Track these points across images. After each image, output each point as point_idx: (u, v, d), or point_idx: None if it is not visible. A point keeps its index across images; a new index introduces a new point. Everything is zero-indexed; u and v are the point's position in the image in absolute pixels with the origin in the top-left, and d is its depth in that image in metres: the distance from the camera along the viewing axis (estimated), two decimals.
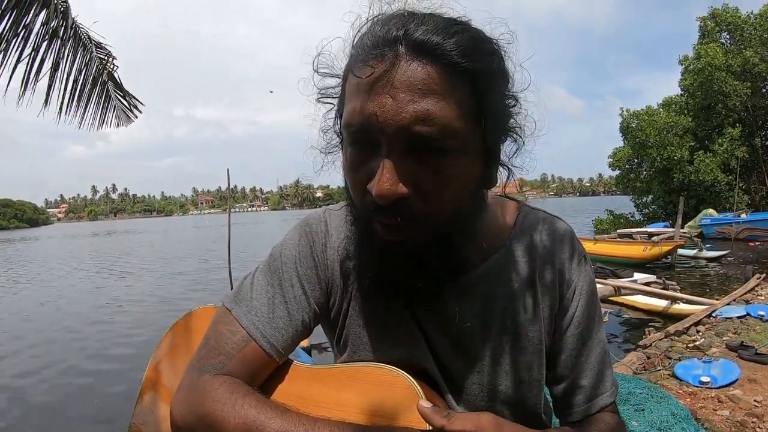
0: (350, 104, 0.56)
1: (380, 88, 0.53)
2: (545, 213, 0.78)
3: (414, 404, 0.57)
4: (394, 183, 0.54)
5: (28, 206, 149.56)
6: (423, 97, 0.52)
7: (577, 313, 0.72)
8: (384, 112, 0.52)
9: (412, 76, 0.52)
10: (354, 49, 0.59)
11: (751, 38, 18.54)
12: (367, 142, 0.56)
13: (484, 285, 0.70)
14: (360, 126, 0.55)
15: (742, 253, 12.55)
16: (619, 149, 21.70)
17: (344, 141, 0.61)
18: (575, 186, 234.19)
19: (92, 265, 19.88)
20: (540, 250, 0.73)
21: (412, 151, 0.54)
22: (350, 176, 0.60)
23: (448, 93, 0.53)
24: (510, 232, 0.74)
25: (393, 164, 0.54)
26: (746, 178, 19.45)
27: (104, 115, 4.06)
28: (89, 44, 3.77)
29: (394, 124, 0.52)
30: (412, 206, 0.56)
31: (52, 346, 7.20)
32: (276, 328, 0.69)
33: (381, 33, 0.55)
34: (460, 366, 0.71)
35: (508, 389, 0.71)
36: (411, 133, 0.53)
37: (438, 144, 0.54)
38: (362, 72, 0.54)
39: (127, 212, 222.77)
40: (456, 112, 0.53)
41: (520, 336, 0.71)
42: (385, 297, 0.69)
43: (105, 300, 10.88)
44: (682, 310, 6.18)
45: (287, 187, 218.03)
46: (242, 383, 0.65)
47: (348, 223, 0.70)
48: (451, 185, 0.57)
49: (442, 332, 0.70)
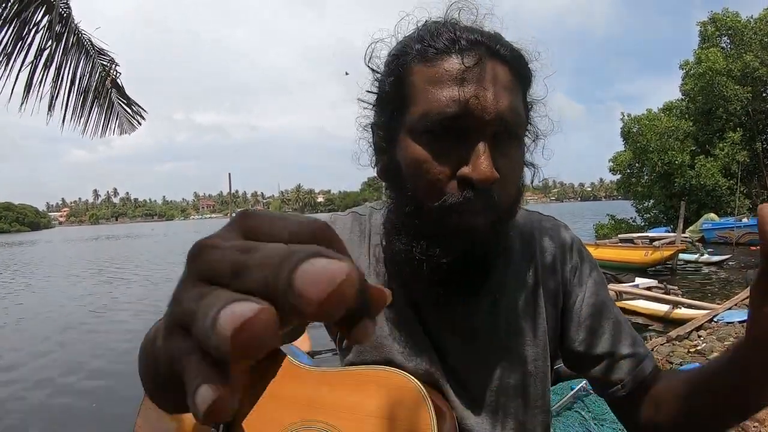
0: (434, 93, 0.58)
1: (474, 80, 0.57)
2: (550, 218, 0.80)
3: (419, 407, 0.58)
4: (491, 166, 0.57)
5: (29, 210, 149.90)
6: (510, 93, 0.59)
7: (588, 293, 0.73)
8: (485, 99, 0.57)
9: (498, 73, 0.59)
10: (419, 44, 0.61)
11: (751, 42, 18.59)
12: (454, 130, 0.58)
13: (489, 286, 0.70)
14: (456, 113, 0.57)
15: (744, 257, 12.52)
16: (620, 154, 21.72)
17: (409, 129, 0.61)
18: (576, 191, 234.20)
19: (92, 270, 19.87)
20: (539, 248, 0.75)
21: (496, 139, 0.59)
22: (426, 168, 0.59)
23: (517, 92, 0.62)
24: (516, 235, 0.75)
25: (489, 147, 0.58)
26: (747, 183, 19.45)
27: (107, 123, 4.05)
28: (92, 51, 3.79)
29: (493, 111, 0.57)
30: (494, 190, 0.58)
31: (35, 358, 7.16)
32: None
33: (457, 34, 0.60)
34: (466, 364, 0.71)
35: (515, 383, 0.71)
36: (504, 120, 0.58)
37: (516, 133, 0.61)
38: (447, 64, 0.58)
39: (129, 216, 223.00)
40: (522, 107, 0.62)
41: (526, 330, 0.72)
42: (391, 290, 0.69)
43: (95, 305, 10.87)
44: (684, 315, 6.17)
45: (288, 192, 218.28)
46: None
47: (354, 224, 0.76)
48: (517, 172, 0.63)
49: (448, 331, 0.71)
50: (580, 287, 0.74)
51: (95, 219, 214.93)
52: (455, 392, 0.71)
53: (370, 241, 0.76)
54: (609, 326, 0.72)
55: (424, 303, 0.71)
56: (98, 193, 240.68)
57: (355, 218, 0.78)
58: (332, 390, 0.68)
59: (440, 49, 0.59)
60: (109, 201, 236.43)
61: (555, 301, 0.74)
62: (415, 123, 0.60)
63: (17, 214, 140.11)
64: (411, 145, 0.61)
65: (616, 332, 0.71)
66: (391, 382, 0.63)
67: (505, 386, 0.71)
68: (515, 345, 0.71)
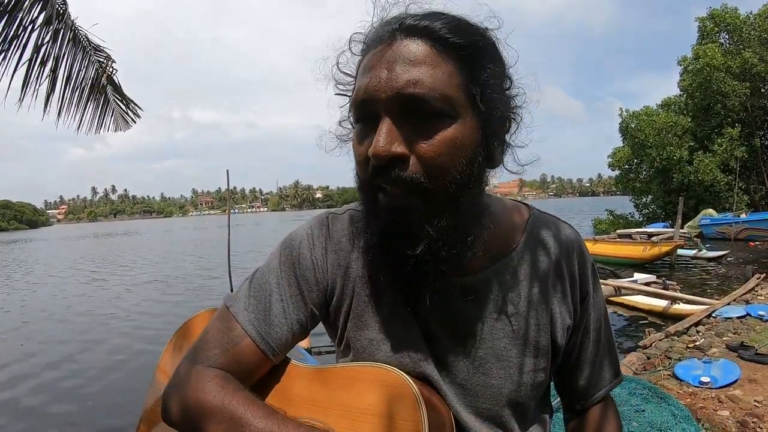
0: (356, 86, 0.63)
1: (378, 65, 0.59)
2: (555, 218, 0.78)
3: (409, 402, 0.58)
4: (389, 141, 0.57)
5: (27, 207, 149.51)
6: (414, 66, 0.57)
7: (592, 319, 0.76)
8: (379, 81, 0.58)
9: (404, 51, 0.58)
10: (364, 46, 0.65)
11: (750, 39, 18.53)
12: (368, 115, 0.60)
13: (491, 287, 0.70)
14: (362, 100, 0.60)
15: (742, 253, 12.55)
16: (619, 149, 21.68)
17: (353, 122, 0.65)
18: (575, 186, 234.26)
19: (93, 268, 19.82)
20: (552, 256, 0.73)
21: (409, 118, 0.58)
22: (356, 152, 0.63)
23: (437, 64, 0.58)
24: (520, 236, 0.74)
25: (389, 125, 0.58)
26: (745, 179, 19.45)
27: (102, 120, 4.04)
28: (88, 47, 3.77)
29: (387, 90, 0.57)
30: (409, 170, 0.58)
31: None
32: (271, 326, 0.70)
33: (382, 28, 0.62)
34: (462, 368, 0.70)
35: (511, 392, 0.70)
36: (403, 95, 0.57)
37: (430, 108, 0.57)
38: (369, 55, 0.61)
39: (127, 213, 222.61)
40: (446, 80, 0.58)
41: (526, 340, 0.71)
42: (387, 289, 0.70)
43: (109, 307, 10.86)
44: (682, 311, 6.18)
45: (287, 188, 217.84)
46: (234, 379, 0.67)
47: (351, 223, 0.74)
48: (446, 150, 0.58)
49: (446, 333, 0.70)
50: (586, 312, 0.76)
51: (93, 216, 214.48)
52: (451, 394, 0.70)
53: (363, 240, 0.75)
54: (602, 354, 0.80)
55: (419, 303, 0.70)
56: (96, 191, 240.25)
57: (350, 216, 0.77)
58: (324, 387, 0.68)
59: (371, 41, 0.63)
60: (107, 198, 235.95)
61: (562, 317, 0.73)
62: (352, 115, 0.65)
63: (15, 212, 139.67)
64: (353, 136, 0.65)
65: (604, 360, 0.80)
66: (381, 378, 0.63)
67: (499, 394, 0.70)
68: (513, 354, 0.70)
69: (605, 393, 0.81)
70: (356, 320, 0.73)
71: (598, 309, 0.77)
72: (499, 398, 0.70)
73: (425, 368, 0.70)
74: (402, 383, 0.61)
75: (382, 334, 0.72)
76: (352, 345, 0.74)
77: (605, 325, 0.79)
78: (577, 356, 0.78)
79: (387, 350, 0.71)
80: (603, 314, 0.79)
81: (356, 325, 0.73)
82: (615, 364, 0.82)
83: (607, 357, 0.80)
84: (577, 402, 0.82)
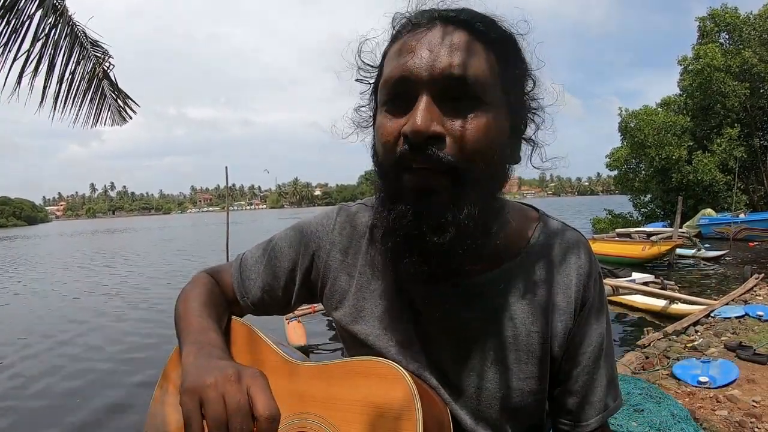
0: (390, 65, 0.61)
1: (419, 46, 0.59)
2: (564, 224, 0.75)
3: (405, 396, 0.59)
4: (429, 119, 0.56)
5: (26, 204, 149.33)
6: (457, 50, 0.58)
7: (594, 334, 0.71)
8: (422, 60, 0.58)
9: (446, 36, 0.59)
10: (395, 32, 0.65)
11: (750, 39, 18.55)
12: (402, 95, 0.59)
13: (493, 291, 0.68)
14: (399, 78, 0.59)
15: (741, 253, 12.57)
16: (618, 149, 21.72)
17: (379, 104, 0.64)
18: (574, 185, 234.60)
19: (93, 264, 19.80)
20: (557, 264, 0.71)
21: (447, 100, 0.58)
22: (384, 131, 0.61)
23: (477, 52, 0.59)
24: (527, 242, 0.72)
25: (429, 103, 0.57)
26: (745, 178, 19.50)
27: (99, 114, 4.02)
28: (85, 42, 3.75)
29: (430, 69, 0.57)
30: (444, 151, 0.56)
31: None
32: (249, 278, 0.83)
33: (420, 15, 0.62)
34: (459, 369, 0.70)
35: (507, 398, 0.69)
36: (447, 76, 0.57)
37: (471, 92, 0.57)
38: (405, 38, 0.61)
39: (126, 210, 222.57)
40: (486, 68, 0.59)
41: (525, 347, 0.69)
42: (390, 285, 0.71)
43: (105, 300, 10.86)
44: (681, 310, 6.18)
45: (286, 186, 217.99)
46: (215, 283, 0.84)
47: (362, 216, 0.77)
48: (481, 135, 0.58)
49: (444, 334, 0.70)
50: (588, 330, 0.71)
51: (92, 213, 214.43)
52: (447, 393, 0.70)
53: (371, 236, 0.75)
54: (599, 371, 0.72)
55: (419, 302, 0.70)
56: (95, 187, 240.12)
57: (361, 210, 0.79)
58: (322, 382, 0.68)
59: (406, 28, 0.62)
60: (106, 195, 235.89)
61: (564, 326, 0.70)
62: (380, 97, 0.63)
63: (14, 209, 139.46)
64: (378, 118, 0.64)
65: (601, 377, 0.72)
66: (377, 372, 0.64)
67: (493, 397, 0.69)
68: (510, 360, 0.69)
69: (602, 420, 0.72)
70: (356, 313, 0.74)
71: (600, 322, 0.72)
72: (493, 402, 0.69)
73: (421, 366, 0.70)
74: (397, 375, 0.61)
75: (380, 330, 0.72)
76: (350, 338, 0.75)
77: (607, 339, 0.73)
78: (569, 370, 0.72)
79: (384, 346, 0.71)
80: (605, 328, 0.73)
81: (355, 318, 0.74)
82: (615, 388, 0.74)
83: (606, 377, 0.72)
84: (567, 424, 0.73)
